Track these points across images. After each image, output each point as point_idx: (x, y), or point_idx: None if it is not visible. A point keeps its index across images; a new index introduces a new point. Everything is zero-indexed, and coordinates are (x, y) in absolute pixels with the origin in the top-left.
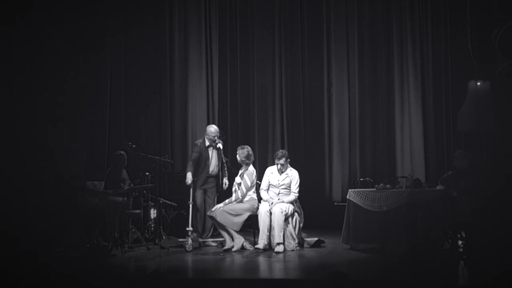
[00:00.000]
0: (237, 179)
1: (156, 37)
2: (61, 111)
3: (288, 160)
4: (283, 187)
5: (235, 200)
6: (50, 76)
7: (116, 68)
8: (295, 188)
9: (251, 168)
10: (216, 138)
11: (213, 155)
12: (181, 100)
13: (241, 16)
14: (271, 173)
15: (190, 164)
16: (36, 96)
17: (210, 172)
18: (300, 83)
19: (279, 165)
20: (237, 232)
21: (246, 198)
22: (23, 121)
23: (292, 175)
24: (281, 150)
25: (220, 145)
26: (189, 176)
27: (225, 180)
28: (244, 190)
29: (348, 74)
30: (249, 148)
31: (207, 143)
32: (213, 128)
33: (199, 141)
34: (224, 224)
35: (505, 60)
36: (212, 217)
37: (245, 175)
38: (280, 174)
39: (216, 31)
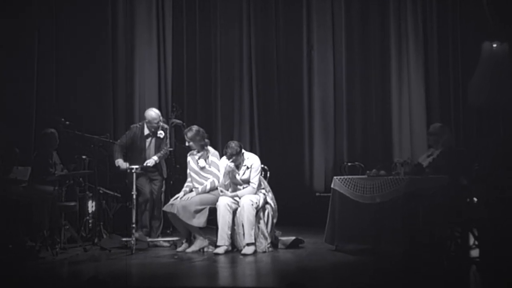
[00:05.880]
0: (201, 163)
1: None
2: None
3: (243, 151)
4: (245, 181)
5: (201, 192)
6: None
7: (44, 27)
8: (253, 177)
9: (212, 149)
10: (159, 124)
11: (150, 146)
12: (126, 66)
13: None
14: (230, 169)
15: (116, 149)
16: None
17: (145, 165)
18: (273, 45)
19: (233, 164)
20: (201, 229)
21: (210, 186)
22: None
23: (251, 163)
24: (228, 148)
25: (161, 133)
26: (120, 162)
27: (155, 157)
28: (218, 176)
29: (333, 35)
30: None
31: (146, 131)
32: (153, 113)
33: (136, 126)
34: (187, 222)
35: None
36: (171, 213)
37: (211, 158)
38: (239, 169)
39: None
